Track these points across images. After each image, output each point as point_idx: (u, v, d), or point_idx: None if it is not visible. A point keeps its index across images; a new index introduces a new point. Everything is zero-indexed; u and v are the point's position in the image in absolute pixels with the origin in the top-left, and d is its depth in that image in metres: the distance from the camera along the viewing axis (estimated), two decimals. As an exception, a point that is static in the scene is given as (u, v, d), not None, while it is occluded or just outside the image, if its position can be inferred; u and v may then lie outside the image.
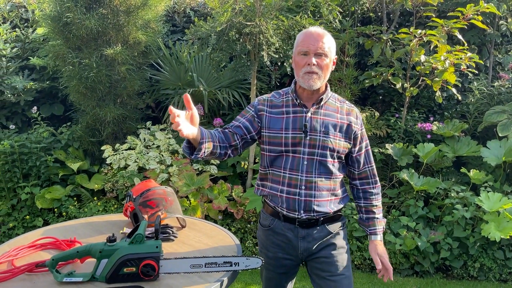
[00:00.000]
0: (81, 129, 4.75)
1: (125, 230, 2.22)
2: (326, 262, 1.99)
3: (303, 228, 1.98)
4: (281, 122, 1.97)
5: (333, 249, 2.00)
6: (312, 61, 1.88)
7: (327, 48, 1.90)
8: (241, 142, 2.00)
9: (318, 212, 1.96)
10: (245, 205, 4.08)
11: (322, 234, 1.99)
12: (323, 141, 1.93)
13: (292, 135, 1.94)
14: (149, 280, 1.68)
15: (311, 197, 1.94)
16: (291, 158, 1.95)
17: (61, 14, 4.34)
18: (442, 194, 4.23)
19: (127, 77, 4.62)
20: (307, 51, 1.90)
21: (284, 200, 1.97)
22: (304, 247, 2.00)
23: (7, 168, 4.48)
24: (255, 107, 2.03)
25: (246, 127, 2.00)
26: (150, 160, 4.24)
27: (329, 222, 2.00)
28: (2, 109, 5.44)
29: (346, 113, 1.99)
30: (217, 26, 3.87)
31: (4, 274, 1.73)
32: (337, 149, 1.94)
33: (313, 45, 1.89)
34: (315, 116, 1.95)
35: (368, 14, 5.27)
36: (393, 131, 4.79)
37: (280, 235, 2.02)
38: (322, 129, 1.93)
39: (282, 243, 2.03)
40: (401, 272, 3.96)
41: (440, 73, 4.38)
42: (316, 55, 1.89)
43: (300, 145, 1.94)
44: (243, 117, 2.04)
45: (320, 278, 2.01)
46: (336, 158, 1.97)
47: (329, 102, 2.00)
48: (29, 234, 2.20)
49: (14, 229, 4.40)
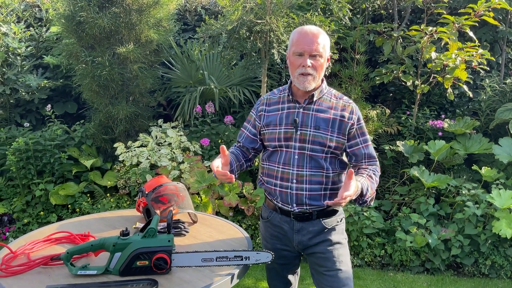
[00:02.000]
0: (94, 126, 4.81)
1: (138, 225, 2.26)
2: (322, 258, 2.02)
3: (298, 221, 2.02)
4: (276, 118, 2.04)
5: (328, 244, 2.02)
6: (307, 63, 1.90)
7: (321, 48, 1.92)
8: (254, 151, 2.18)
9: (311, 205, 1.99)
10: (256, 202, 4.11)
11: (316, 228, 2.02)
12: (313, 136, 1.95)
13: (284, 130, 1.99)
14: (161, 273, 1.72)
15: (302, 190, 1.98)
16: (284, 153, 2.00)
17: (74, 13, 4.39)
18: (453, 191, 4.21)
19: (139, 75, 4.66)
20: (302, 52, 1.91)
21: (278, 193, 2.03)
22: (298, 239, 2.04)
23: (22, 165, 4.55)
24: (256, 110, 2.14)
25: (253, 134, 2.15)
26: (161, 157, 4.28)
27: (325, 217, 2.02)
28: (17, 107, 5.53)
29: (341, 109, 2.00)
30: (227, 24, 3.90)
31: (21, 267, 1.78)
32: (328, 144, 1.95)
33: (308, 46, 1.90)
34: (306, 112, 1.99)
35: (379, 11, 5.26)
36: (404, 128, 4.78)
37: (277, 227, 2.08)
38: (313, 124, 1.96)
39: (279, 234, 2.09)
40: (411, 269, 3.96)
41: (451, 70, 4.36)
42: (311, 56, 1.91)
43: (292, 140, 1.98)
44: (248, 122, 2.18)
45: (317, 273, 2.06)
46: (329, 154, 1.98)
47: (323, 98, 2.02)
48: (44, 228, 2.25)
49: (29, 225, 4.48)
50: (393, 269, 3.98)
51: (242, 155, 2.15)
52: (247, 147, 2.17)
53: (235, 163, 2.06)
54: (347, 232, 3.96)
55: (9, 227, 4.61)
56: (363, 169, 2.01)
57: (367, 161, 2.02)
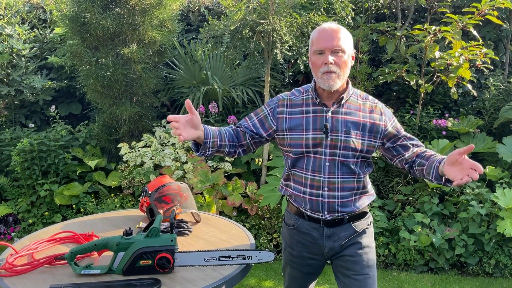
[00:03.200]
0: (98, 127, 4.83)
1: (141, 225, 2.27)
2: (351, 261, 1.95)
3: (329, 227, 1.95)
4: (301, 122, 1.92)
5: (358, 248, 1.95)
6: (328, 59, 1.80)
7: (343, 44, 1.83)
8: (252, 141, 2.01)
9: (343, 212, 1.92)
10: (259, 202, 4.12)
11: (347, 232, 1.95)
12: (345, 141, 1.87)
13: (313, 136, 1.89)
14: (164, 273, 1.73)
15: (334, 198, 1.90)
16: (312, 159, 1.91)
17: (78, 15, 4.41)
18: (457, 190, 4.20)
19: (143, 75, 4.68)
20: (322, 50, 1.83)
21: (307, 201, 1.94)
22: (330, 246, 1.97)
23: (27, 165, 4.58)
24: (273, 109, 1.99)
25: (257, 128, 2.00)
26: (165, 157, 4.29)
27: (355, 220, 1.96)
28: (22, 108, 5.56)
29: (369, 111, 1.92)
30: (230, 24, 3.91)
31: (25, 267, 1.79)
32: (360, 148, 1.88)
33: (329, 42, 1.81)
34: (335, 116, 1.89)
35: (382, 11, 5.25)
36: (407, 127, 4.77)
37: (305, 234, 1.99)
38: (344, 129, 1.87)
39: (308, 242, 2.00)
40: (415, 268, 3.95)
41: (455, 69, 4.35)
42: (332, 52, 1.81)
43: (321, 146, 1.88)
44: (256, 116, 2.02)
45: (344, 276, 1.97)
46: (360, 158, 1.91)
47: (350, 100, 1.93)
48: (48, 228, 2.27)
49: (34, 225, 4.50)
50: (397, 269, 3.98)
51: (229, 137, 1.95)
52: (246, 132, 2.00)
53: (212, 137, 1.87)
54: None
55: (14, 227, 4.64)
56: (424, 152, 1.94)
57: (415, 146, 1.97)
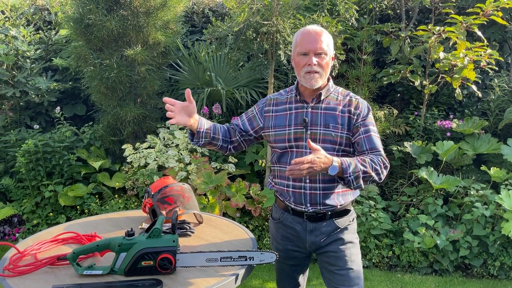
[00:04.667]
0: (102, 128, 4.85)
1: (144, 226, 2.28)
2: (334, 257, 2.02)
3: (311, 222, 2.02)
4: (284, 119, 2.04)
5: (341, 244, 2.02)
6: (312, 61, 1.92)
7: (325, 46, 1.94)
8: (241, 138, 2.16)
9: (325, 205, 1.98)
10: (263, 203, 4.12)
11: (329, 228, 2.02)
12: (324, 134, 1.96)
13: (294, 131, 2.00)
14: (166, 273, 1.73)
15: (316, 190, 1.98)
16: (295, 153, 2.00)
17: (83, 16, 4.43)
18: (462, 192, 4.19)
19: (147, 77, 4.70)
20: (307, 52, 1.94)
21: (290, 194, 2.03)
22: (311, 240, 2.04)
23: (32, 166, 4.60)
24: (261, 108, 2.14)
25: (245, 126, 2.16)
26: (169, 159, 4.30)
27: (337, 217, 2.02)
28: (27, 109, 5.59)
29: (348, 105, 2.00)
30: (234, 26, 3.91)
31: (28, 267, 1.80)
32: (339, 141, 1.96)
33: (313, 45, 1.93)
34: (315, 111, 2.00)
35: (386, 12, 5.24)
36: (412, 129, 4.76)
37: (289, 228, 2.08)
38: (322, 122, 1.97)
39: (291, 235, 2.08)
40: (419, 270, 3.93)
41: (460, 70, 4.33)
42: (316, 54, 1.93)
43: (302, 140, 1.98)
44: (246, 115, 2.19)
45: (328, 272, 2.05)
46: (340, 151, 1.98)
47: (330, 96, 2.03)
48: (52, 229, 2.28)
49: (38, 226, 4.52)
50: (400, 270, 3.96)
51: (222, 133, 2.12)
52: (236, 130, 2.16)
53: (206, 128, 2.05)
54: (355, 233, 3.95)
55: (19, 228, 4.66)
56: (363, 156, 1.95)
57: (369, 152, 1.96)
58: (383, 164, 1.92)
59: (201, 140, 2.05)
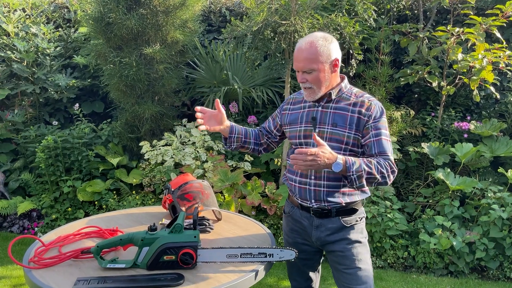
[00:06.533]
0: (120, 125, 4.90)
1: (164, 221, 2.31)
2: (341, 256, 2.05)
3: (318, 218, 2.06)
4: (298, 116, 2.12)
5: (347, 243, 2.04)
6: (300, 79, 2.00)
7: (314, 63, 1.94)
8: (268, 140, 2.33)
9: (329, 202, 2.01)
10: (278, 202, 4.14)
11: (335, 225, 2.04)
12: (331, 133, 2.00)
13: (304, 128, 2.07)
14: (187, 268, 1.76)
15: (320, 187, 2.00)
16: None
17: (103, 15, 4.49)
18: (479, 194, 4.16)
19: (165, 75, 4.74)
20: (297, 69, 2.01)
21: (297, 189, 2.08)
22: (317, 236, 2.08)
23: (51, 162, 4.68)
24: (281, 108, 2.26)
25: (269, 127, 2.32)
26: (186, 156, 4.34)
27: (344, 215, 2.04)
28: (46, 106, 5.68)
29: (359, 106, 2.00)
30: (253, 25, 3.93)
31: (52, 260, 1.85)
32: (346, 141, 1.98)
33: (299, 63, 1.98)
34: (324, 110, 2.04)
35: (404, 12, 5.22)
36: (428, 130, 4.74)
37: (297, 221, 2.14)
38: (331, 121, 2.01)
39: (299, 229, 2.15)
40: (435, 271, 3.92)
41: (478, 71, 4.30)
42: (303, 72, 1.98)
43: (310, 138, 2.04)
44: (271, 117, 2.34)
45: (337, 271, 2.09)
46: (347, 151, 1.99)
47: (343, 97, 2.04)
48: (74, 223, 2.32)
49: (57, 220, 4.60)
50: (416, 271, 3.96)
51: (254, 136, 2.30)
52: (264, 133, 2.34)
53: (237, 133, 2.24)
54: (370, 233, 3.96)
55: (38, 223, 4.74)
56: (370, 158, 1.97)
57: (378, 155, 1.96)
58: (390, 168, 1.93)
59: (233, 144, 2.25)
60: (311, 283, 2.31)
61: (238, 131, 2.23)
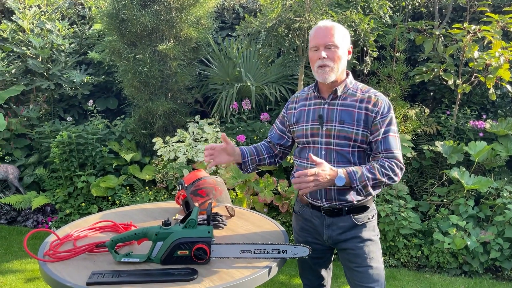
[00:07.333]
0: (134, 122, 4.93)
1: (177, 217, 2.32)
2: (353, 254, 2.03)
3: (329, 216, 2.03)
4: (303, 114, 2.08)
5: (359, 241, 2.02)
6: (321, 54, 1.93)
7: (336, 40, 1.94)
8: (282, 148, 2.27)
9: (341, 200, 1.98)
10: (290, 199, 4.13)
11: (346, 224, 2.01)
12: (338, 130, 1.96)
13: (311, 126, 2.03)
14: (201, 263, 1.76)
15: (331, 185, 1.93)
16: (312, 149, 2.03)
17: (117, 11, 4.52)
18: (494, 193, 4.11)
19: (178, 72, 4.75)
20: (317, 46, 1.96)
21: None
22: (328, 234, 2.05)
23: (65, 157, 4.72)
24: (286, 107, 2.22)
25: (281, 131, 2.25)
26: (198, 153, 4.35)
27: (355, 213, 2.01)
28: (60, 102, 5.73)
29: (366, 102, 1.97)
30: (267, 22, 3.92)
31: (67, 253, 1.86)
32: (354, 138, 1.95)
33: (322, 38, 1.94)
34: (331, 107, 2.00)
35: (419, 9, 5.17)
36: (443, 128, 4.69)
37: (308, 221, 2.12)
38: (338, 119, 1.97)
39: (310, 228, 2.13)
40: (448, 271, 3.89)
41: (494, 69, 4.25)
42: (326, 48, 1.94)
43: (318, 136, 2.01)
44: (278, 119, 2.28)
45: (348, 269, 2.07)
46: (356, 148, 1.97)
47: (349, 93, 2.01)
48: (88, 217, 2.34)
49: (70, 215, 4.64)
50: (429, 271, 3.92)
51: (266, 151, 2.26)
52: (274, 143, 2.26)
53: (249, 155, 2.20)
54: (383, 232, 3.93)
55: (52, 217, 4.79)
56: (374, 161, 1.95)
57: (384, 153, 1.94)
58: (397, 166, 1.91)
59: (249, 168, 2.22)
60: (322, 281, 2.30)
61: (250, 153, 2.20)
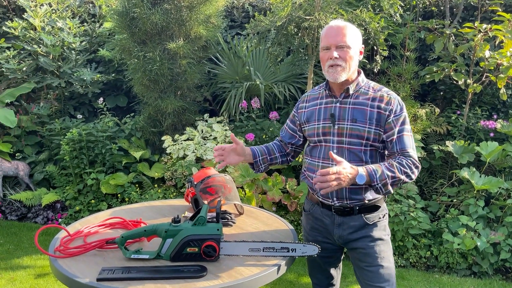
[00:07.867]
0: (143, 119, 4.96)
1: (187, 214, 2.33)
2: (363, 253, 2.02)
3: (339, 216, 2.02)
4: (314, 113, 2.08)
5: (370, 240, 2.01)
6: (333, 54, 1.92)
7: (348, 40, 1.93)
8: (293, 147, 2.26)
9: (352, 199, 1.97)
10: (299, 198, 4.12)
11: (357, 223, 2.01)
12: (351, 129, 1.95)
13: (322, 125, 2.03)
14: (210, 261, 1.76)
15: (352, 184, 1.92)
16: (323, 148, 2.03)
17: (128, 10, 4.54)
18: (504, 194, 4.08)
19: (188, 70, 4.77)
20: (328, 46, 1.95)
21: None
22: (339, 234, 2.05)
23: (75, 155, 4.75)
24: (297, 107, 2.22)
25: (292, 130, 2.24)
26: (207, 151, 4.36)
27: (366, 212, 2.01)
28: (71, 99, 5.77)
29: (378, 100, 1.96)
30: (277, 20, 3.92)
31: (77, 249, 1.87)
32: (366, 136, 1.94)
33: (334, 38, 1.93)
34: (343, 106, 1.99)
35: (430, 8, 5.14)
36: (453, 128, 4.66)
37: (318, 220, 2.11)
38: (350, 117, 1.96)
39: (320, 227, 2.12)
40: (458, 272, 3.86)
41: (506, 69, 4.21)
42: (337, 48, 1.93)
43: (330, 134, 2.00)
44: (289, 119, 2.27)
45: (359, 268, 2.06)
46: (368, 146, 1.97)
47: (360, 91, 2.00)
48: (98, 214, 2.35)
49: (80, 212, 4.67)
50: (438, 271, 3.90)
51: (277, 150, 2.25)
52: (285, 142, 2.26)
53: (261, 155, 2.19)
54: (392, 232, 3.91)
55: (62, 214, 4.82)
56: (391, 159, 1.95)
57: (399, 152, 1.94)
58: (413, 164, 1.91)
59: (261, 167, 2.21)
60: (331, 280, 2.30)
61: (261, 152, 2.20)
